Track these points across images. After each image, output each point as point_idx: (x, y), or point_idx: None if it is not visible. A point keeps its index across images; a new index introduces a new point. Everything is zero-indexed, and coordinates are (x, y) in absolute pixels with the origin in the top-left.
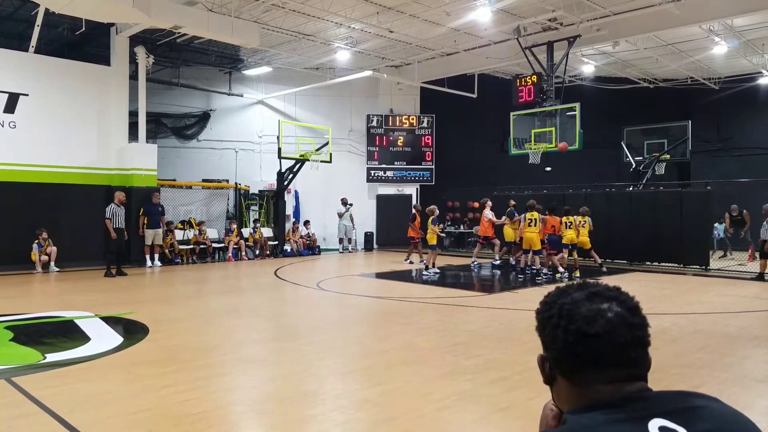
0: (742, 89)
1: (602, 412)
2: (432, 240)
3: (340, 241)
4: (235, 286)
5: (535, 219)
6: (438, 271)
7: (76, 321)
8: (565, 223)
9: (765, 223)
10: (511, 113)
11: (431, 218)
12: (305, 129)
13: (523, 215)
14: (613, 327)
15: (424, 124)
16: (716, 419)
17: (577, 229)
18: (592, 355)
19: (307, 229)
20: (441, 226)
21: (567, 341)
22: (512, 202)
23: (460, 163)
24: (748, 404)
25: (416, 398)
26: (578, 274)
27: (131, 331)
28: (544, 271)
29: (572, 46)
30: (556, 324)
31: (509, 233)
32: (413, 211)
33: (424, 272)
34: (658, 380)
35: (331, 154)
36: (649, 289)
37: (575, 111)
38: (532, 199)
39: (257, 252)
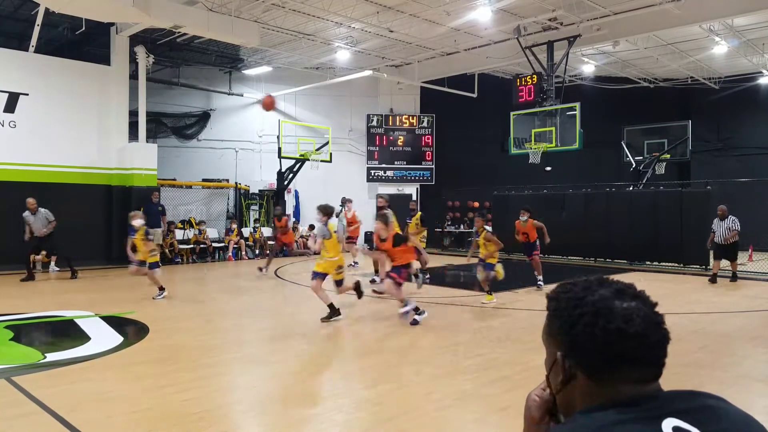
0: (743, 89)
1: (615, 410)
2: (144, 256)
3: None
4: (235, 286)
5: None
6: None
7: (77, 320)
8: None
9: (730, 224)
10: (512, 113)
11: (142, 230)
12: (305, 128)
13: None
14: (648, 325)
15: (424, 124)
16: (727, 420)
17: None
18: (630, 354)
19: (309, 231)
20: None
21: (607, 340)
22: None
23: (460, 162)
24: (748, 403)
25: (417, 398)
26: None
27: (131, 330)
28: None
29: (572, 45)
30: (590, 322)
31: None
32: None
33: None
34: None
35: (331, 153)
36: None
37: (575, 111)
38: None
39: (257, 251)
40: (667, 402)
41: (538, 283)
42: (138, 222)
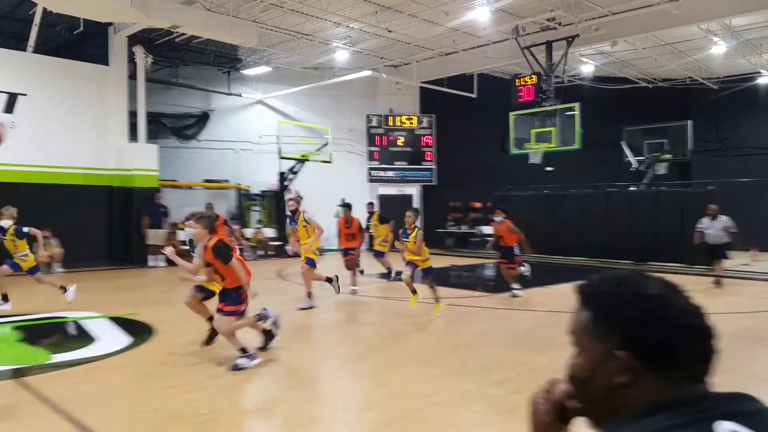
0: (741, 89)
1: (668, 414)
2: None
3: None
4: None
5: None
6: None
7: (83, 321)
8: None
9: (726, 224)
10: (511, 113)
11: (11, 230)
12: (305, 129)
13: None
14: (708, 321)
15: (424, 124)
16: None
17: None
18: (697, 350)
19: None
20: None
21: (682, 336)
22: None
23: (461, 162)
24: None
25: (421, 399)
26: None
27: (137, 331)
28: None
29: (571, 45)
30: (663, 317)
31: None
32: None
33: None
34: None
35: (331, 154)
36: None
37: (575, 111)
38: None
39: (259, 252)
40: (718, 403)
41: (514, 290)
42: (5, 223)
